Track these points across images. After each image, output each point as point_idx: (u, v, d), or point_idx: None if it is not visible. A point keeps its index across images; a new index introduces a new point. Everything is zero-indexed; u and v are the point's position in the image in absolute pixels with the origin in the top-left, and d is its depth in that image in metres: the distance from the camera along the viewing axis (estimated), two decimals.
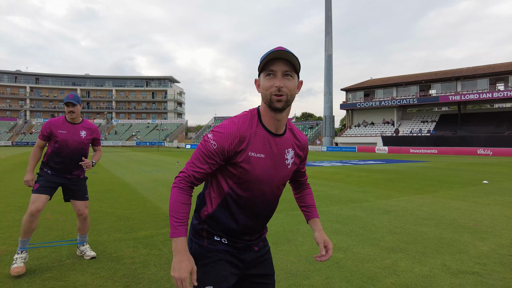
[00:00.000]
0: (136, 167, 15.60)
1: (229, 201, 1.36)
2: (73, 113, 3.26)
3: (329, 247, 1.49)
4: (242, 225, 1.39)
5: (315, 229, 1.56)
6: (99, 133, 3.57)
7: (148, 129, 73.66)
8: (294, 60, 1.25)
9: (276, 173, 1.37)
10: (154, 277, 3.00)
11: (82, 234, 3.52)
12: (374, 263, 3.42)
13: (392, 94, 49.43)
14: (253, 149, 1.30)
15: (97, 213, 5.59)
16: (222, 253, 1.38)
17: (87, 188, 3.60)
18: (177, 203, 1.26)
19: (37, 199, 3.11)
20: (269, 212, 1.47)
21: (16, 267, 2.96)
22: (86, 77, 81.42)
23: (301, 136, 1.48)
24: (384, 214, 5.68)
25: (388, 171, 14.44)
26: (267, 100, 1.27)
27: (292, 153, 1.41)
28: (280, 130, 1.36)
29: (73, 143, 3.30)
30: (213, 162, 1.29)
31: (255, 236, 1.47)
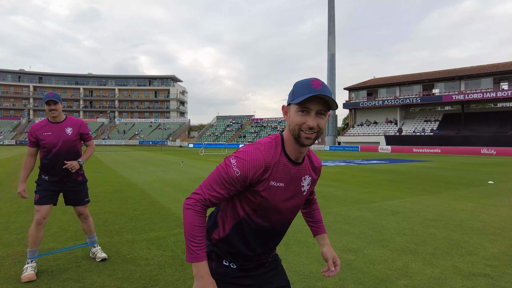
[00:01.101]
0: (141, 167, 15.67)
1: (244, 226, 1.35)
2: (55, 111, 3.13)
3: (337, 263, 1.50)
4: (253, 249, 1.39)
5: (323, 244, 1.56)
6: (87, 127, 3.41)
7: (151, 128, 73.83)
8: (331, 100, 1.21)
9: (293, 201, 1.38)
10: (170, 278, 3.05)
11: (89, 235, 3.52)
12: (386, 265, 3.46)
13: (395, 93, 49.32)
14: (275, 178, 1.28)
15: (108, 213, 5.65)
16: (230, 277, 1.39)
17: (88, 190, 3.54)
18: (193, 227, 1.23)
19: (40, 209, 3.09)
20: (282, 236, 1.48)
21: (26, 274, 2.94)
22: (89, 76, 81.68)
23: (317, 160, 1.48)
24: (391, 215, 5.71)
25: (392, 171, 14.45)
26: (296, 134, 1.24)
27: (309, 180, 1.42)
28: (300, 159, 1.35)
29: (60, 143, 3.16)
30: (232, 188, 1.25)
31: (265, 256, 1.48)
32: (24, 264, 3.18)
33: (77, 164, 3.19)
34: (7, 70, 76.24)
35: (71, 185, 3.30)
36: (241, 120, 72.28)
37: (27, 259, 3.10)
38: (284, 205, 1.35)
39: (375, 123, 51.54)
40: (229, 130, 68.34)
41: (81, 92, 79.34)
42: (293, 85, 1.29)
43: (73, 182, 3.32)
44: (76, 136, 3.26)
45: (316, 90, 1.19)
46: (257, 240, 1.38)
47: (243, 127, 69.13)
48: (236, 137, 64.93)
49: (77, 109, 79.13)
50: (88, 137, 3.41)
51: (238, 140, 62.82)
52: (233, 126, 69.86)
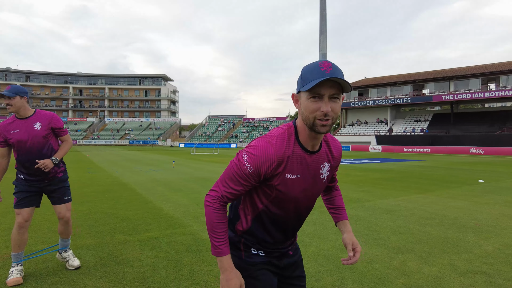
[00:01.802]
0: (132, 166, 15.46)
1: (264, 218, 1.35)
2: (10, 107, 2.88)
3: (357, 249, 1.43)
4: (276, 238, 1.40)
5: (344, 230, 1.51)
6: (59, 120, 3.10)
7: (141, 127, 73.13)
8: (344, 82, 1.13)
9: (312, 190, 1.34)
10: (164, 280, 2.96)
11: (64, 238, 3.24)
12: (383, 264, 3.42)
13: (385, 93, 49.74)
14: (290, 170, 1.24)
15: (99, 214, 5.51)
16: (262, 264, 1.40)
17: (70, 188, 3.26)
18: (214, 223, 1.26)
19: (21, 212, 2.92)
20: (301, 223, 1.47)
21: (12, 278, 2.80)
22: (79, 75, 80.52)
23: (337, 145, 1.42)
24: (386, 214, 5.70)
25: (385, 170, 14.53)
26: (310, 123, 1.18)
27: (328, 166, 1.37)
28: (317, 147, 1.30)
29: (29, 139, 2.91)
30: (247, 184, 1.25)
31: (288, 244, 1.48)
32: (9, 268, 3.04)
33: (50, 163, 2.91)
34: None
35: (50, 183, 3.07)
36: (232, 119, 72.10)
37: (12, 262, 2.95)
38: (302, 195, 1.32)
39: (366, 123, 51.91)
40: (220, 130, 68.09)
41: (71, 91, 78.16)
42: (301, 71, 1.21)
43: (52, 179, 3.07)
44: (46, 131, 2.97)
45: (327, 73, 1.11)
46: (279, 229, 1.38)
47: (235, 126, 68.97)
48: (227, 137, 64.73)
49: (66, 108, 77.94)
50: (62, 131, 3.11)
51: (230, 140, 62.63)
52: (224, 126, 69.63)
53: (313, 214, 5.66)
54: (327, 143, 1.37)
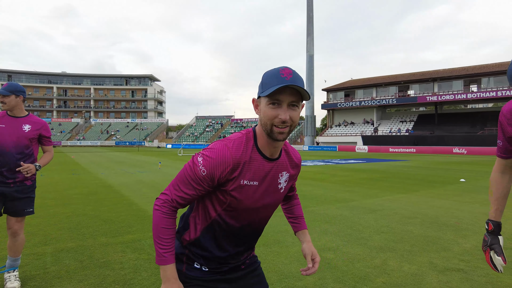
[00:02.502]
0: (118, 168, 15.25)
1: (216, 228, 1.27)
2: (4, 104, 2.82)
3: (316, 260, 1.39)
4: (227, 251, 1.31)
5: (303, 240, 1.47)
6: (49, 130, 3.07)
7: (128, 128, 72.19)
8: (303, 91, 1.12)
9: (269, 199, 1.29)
10: (146, 282, 2.94)
11: (14, 256, 2.89)
12: (364, 263, 3.47)
13: (372, 94, 50.43)
14: (247, 176, 1.19)
15: (81, 216, 5.43)
16: (201, 281, 1.31)
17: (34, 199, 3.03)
18: (160, 229, 1.18)
19: None
20: (257, 236, 1.40)
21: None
22: (63, 75, 78.96)
23: (296, 155, 1.38)
24: (370, 214, 5.78)
25: (371, 170, 14.72)
26: (268, 129, 1.15)
27: (286, 176, 1.32)
28: (276, 154, 1.26)
29: (12, 137, 2.82)
30: (200, 188, 1.18)
31: (241, 259, 1.40)
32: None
33: (34, 168, 2.80)
34: None
35: (15, 188, 2.84)
36: (220, 120, 71.91)
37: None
38: (258, 204, 1.26)
39: (352, 123, 52.51)
40: (208, 131, 67.82)
41: (55, 91, 76.56)
42: (262, 76, 1.19)
43: (18, 185, 2.86)
44: (33, 135, 2.92)
45: (286, 80, 1.10)
46: (231, 242, 1.30)
47: (223, 127, 68.81)
48: (215, 137, 64.50)
49: (50, 108, 76.31)
50: (49, 141, 3.09)
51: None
52: (212, 126, 69.37)
53: None
54: (287, 153, 1.33)
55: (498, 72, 39.51)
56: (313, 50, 51.54)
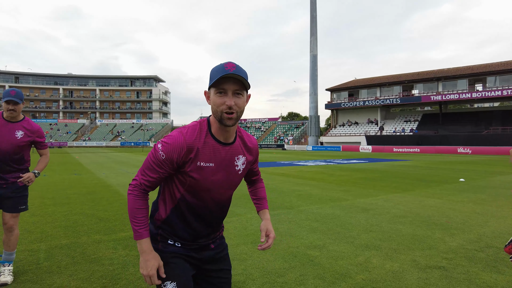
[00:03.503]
0: (119, 168, 15.45)
1: (182, 208, 1.42)
2: (14, 112, 2.92)
3: (271, 236, 1.55)
4: (195, 230, 1.46)
5: (263, 218, 1.63)
6: (43, 135, 3.17)
7: (133, 129, 72.71)
8: (244, 81, 1.30)
9: (227, 180, 1.44)
10: (132, 277, 3.05)
11: (8, 250, 3.05)
12: (348, 260, 3.55)
13: (376, 94, 50.26)
14: (202, 158, 1.35)
15: (78, 215, 5.57)
16: (177, 253, 1.46)
17: (27, 197, 3.15)
18: (134, 209, 1.36)
19: None
20: (222, 215, 1.55)
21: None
22: (69, 76, 79.77)
23: (252, 141, 1.54)
24: (362, 213, 5.85)
25: (370, 170, 14.75)
26: (218, 116, 1.32)
27: (243, 159, 1.48)
28: (229, 139, 1.41)
29: (4, 143, 2.90)
30: (162, 171, 1.35)
31: (210, 237, 1.54)
32: None
33: (33, 176, 2.96)
34: None
35: (7, 189, 2.98)
36: None
37: None
38: (216, 184, 1.40)
39: (356, 123, 52.38)
40: None
41: (61, 93, 77.40)
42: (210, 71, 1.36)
43: (10, 186, 2.99)
44: (25, 142, 3.01)
45: (230, 72, 1.27)
46: (198, 221, 1.45)
47: None
48: None
49: (57, 110, 77.16)
50: (44, 145, 3.20)
51: None
52: None
53: (290, 213, 5.79)
54: (242, 138, 1.48)
55: (503, 71, 39.17)
56: (317, 49, 51.53)
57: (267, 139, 60.00)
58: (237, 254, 3.71)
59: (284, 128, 62.67)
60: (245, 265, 3.39)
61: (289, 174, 12.77)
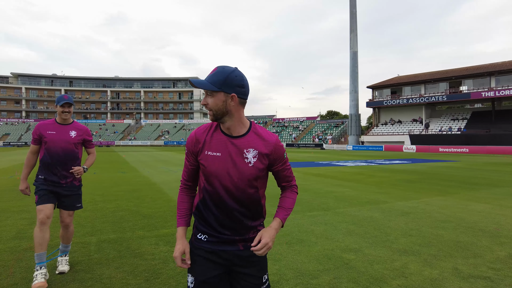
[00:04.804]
0: (163, 166, 16.14)
1: (205, 195, 1.57)
2: (67, 114, 3.23)
3: (262, 241, 1.48)
4: (217, 218, 1.55)
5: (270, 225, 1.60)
6: (91, 134, 3.48)
7: (175, 128, 75.47)
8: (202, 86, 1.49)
9: (235, 170, 1.51)
10: (172, 272, 3.24)
11: (65, 243, 3.35)
12: (384, 265, 3.50)
13: (420, 91, 47.93)
14: (209, 148, 1.54)
15: (124, 211, 5.96)
16: (203, 251, 1.55)
17: (81, 196, 3.45)
18: (178, 202, 1.68)
19: (43, 208, 3.08)
20: (243, 210, 1.55)
21: (37, 282, 2.86)
22: (116, 79, 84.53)
23: (268, 137, 1.58)
24: (401, 216, 5.68)
25: (412, 171, 14.15)
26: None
27: (255, 153, 1.53)
28: (235, 133, 1.54)
29: (62, 143, 3.20)
30: (189, 163, 1.63)
31: (237, 234, 1.57)
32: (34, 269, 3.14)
33: (82, 170, 3.27)
34: (41, 75, 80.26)
35: (66, 188, 3.26)
36: (262, 120, 72.51)
37: (36, 265, 2.98)
38: (222, 171, 1.52)
39: (399, 122, 50.30)
40: None
41: (109, 95, 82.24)
42: None
43: (69, 185, 3.28)
44: (78, 140, 3.32)
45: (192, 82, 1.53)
46: (216, 209, 1.54)
47: (265, 127, 69.35)
48: None
49: (105, 111, 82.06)
50: (91, 144, 3.50)
51: None
52: None
53: (326, 215, 5.76)
54: (256, 133, 1.56)
55: None
56: (357, 46, 50.17)
57: (305, 138, 59.46)
58: (271, 254, 3.79)
59: (323, 127, 61.71)
60: (279, 266, 3.46)
61: (327, 174, 12.62)
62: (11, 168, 15.12)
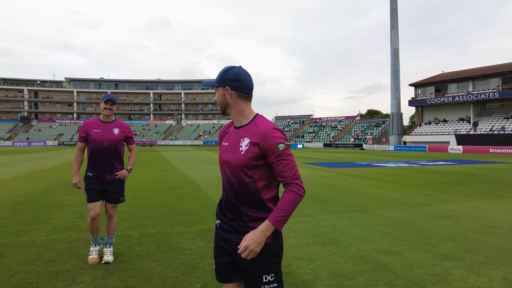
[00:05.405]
0: (201, 165, 16.58)
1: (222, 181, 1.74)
2: (109, 111, 3.44)
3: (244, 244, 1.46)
4: (224, 202, 1.69)
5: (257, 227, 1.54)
6: (131, 131, 3.69)
7: (214, 129, 77.10)
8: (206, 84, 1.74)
9: (232, 156, 1.60)
10: (208, 267, 3.35)
11: (109, 234, 3.60)
12: (424, 269, 3.36)
13: (467, 88, 44.98)
14: (225, 139, 1.71)
15: (164, 207, 6.22)
16: (216, 234, 1.72)
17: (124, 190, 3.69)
18: None
19: (93, 206, 3.41)
20: (239, 197, 1.58)
21: (92, 257, 3.43)
22: (158, 81, 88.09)
23: (262, 126, 1.55)
24: (444, 220, 5.40)
25: (458, 173, 13.34)
26: None
27: (247, 141, 1.57)
28: (237, 124, 1.67)
29: (106, 141, 3.42)
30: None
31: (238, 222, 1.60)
32: (90, 246, 3.67)
33: (127, 173, 3.53)
34: (90, 79, 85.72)
35: (111, 183, 3.50)
36: (299, 119, 71.96)
37: (91, 243, 3.55)
38: (224, 159, 1.65)
39: (444, 121, 47.59)
40: (287, 130, 68.42)
41: (151, 97, 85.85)
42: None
43: (113, 180, 3.52)
44: (121, 137, 3.54)
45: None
46: (224, 196, 1.68)
47: (301, 127, 68.71)
48: (294, 137, 64.76)
49: (148, 112, 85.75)
50: (132, 140, 3.72)
51: (296, 140, 62.58)
52: (291, 126, 69.78)
53: (364, 216, 5.62)
54: (255, 124, 1.60)
55: None
56: (398, 43, 48.19)
57: (343, 138, 58.14)
58: (306, 254, 3.78)
59: (363, 126, 59.96)
60: (314, 265, 3.44)
61: (366, 175, 12.27)
62: (64, 165, 16.30)
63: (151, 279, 3.08)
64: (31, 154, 28.66)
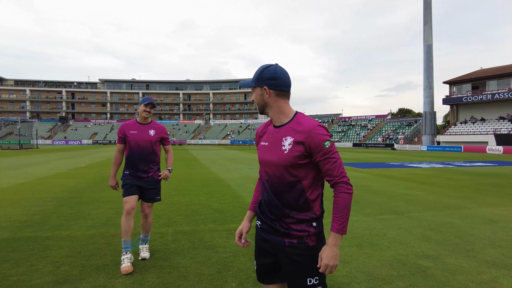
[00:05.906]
0: (230, 164, 16.73)
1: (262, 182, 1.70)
2: (148, 114, 3.52)
3: (322, 264, 1.46)
4: (264, 203, 1.65)
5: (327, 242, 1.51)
6: (167, 133, 3.73)
7: (241, 128, 77.71)
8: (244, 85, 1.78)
9: (274, 156, 1.57)
10: (243, 266, 3.35)
11: (145, 233, 3.66)
12: (468, 277, 3.19)
13: (509, 85, 42.50)
14: (263, 139, 1.70)
15: (196, 205, 6.31)
16: (258, 235, 1.71)
17: (161, 189, 3.73)
18: (255, 190, 1.91)
19: (128, 200, 3.40)
20: (281, 197, 1.55)
21: (124, 266, 3.22)
22: (187, 82, 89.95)
23: (306, 124, 1.53)
24: (487, 224, 5.11)
25: (499, 175, 12.61)
26: None
27: (290, 140, 1.53)
28: (277, 123, 1.63)
29: (143, 142, 3.49)
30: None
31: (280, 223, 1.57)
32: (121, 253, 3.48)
33: (169, 173, 3.63)
34: (122, 80, 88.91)
35: (148, 182, 3.55)
36: (328, 119, 70.93)
37: (122, 249, 3.36)
38: (265, 158, 1.63)
39: (482, 120, 45.23)
40: None
41: (181, 97, 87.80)
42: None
43: (150, 179, 3.56)
44: (157, 138, 3.60)
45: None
46: (264, 190, 1.66)
47: (330, 126, 67.67)
48: None
49: (177, 112, 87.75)
50: (168, 141, 3.77)
51: None
52: None
53: (399, 219, 5.44)
54: (297, 122, 1.57)
55: None
56: (431, 39, 46.34)
57: (373, 138, 56.69)
58: (341, 256, 3.69)
59: (394, 126, 58.21)
60: (350, 268, 3.36)
61: (399, 176, 11.89)
62: (100, 163, 16.99)
63: (187, 276, 3.12)
64: (69, 152, 30.13)
